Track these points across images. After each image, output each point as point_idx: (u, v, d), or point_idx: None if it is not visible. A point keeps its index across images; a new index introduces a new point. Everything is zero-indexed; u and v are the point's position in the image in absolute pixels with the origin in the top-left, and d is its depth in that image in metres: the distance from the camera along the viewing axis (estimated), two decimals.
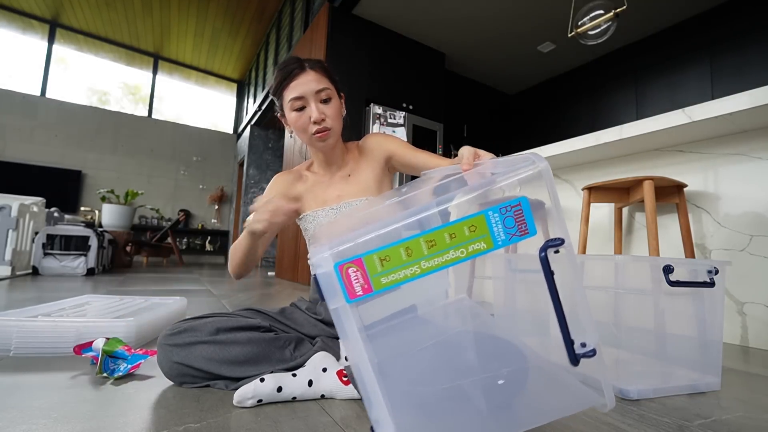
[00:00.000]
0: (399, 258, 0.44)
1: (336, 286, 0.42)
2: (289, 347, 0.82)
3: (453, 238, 0.45)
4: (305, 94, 0.88)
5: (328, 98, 0.91)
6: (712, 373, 0.92)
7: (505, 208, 0.45)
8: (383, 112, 3.51)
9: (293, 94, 0.89)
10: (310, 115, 0.89)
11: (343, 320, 0.43)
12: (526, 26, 3.94)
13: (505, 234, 0.46)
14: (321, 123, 0.89)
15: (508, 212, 0.45)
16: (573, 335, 0.47)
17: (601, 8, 2.37)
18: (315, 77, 0.90)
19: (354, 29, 3.60)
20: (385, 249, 0.43)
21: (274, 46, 5.52)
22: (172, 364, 0.76)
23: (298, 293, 2.61)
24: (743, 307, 1.46)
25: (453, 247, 0.45)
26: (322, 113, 0.89)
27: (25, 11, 5.81)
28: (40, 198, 3.30)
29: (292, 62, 0.90)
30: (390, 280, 0.43)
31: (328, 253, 0.42)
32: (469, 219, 0.45)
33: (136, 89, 7.00)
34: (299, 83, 0.89)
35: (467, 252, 0.45)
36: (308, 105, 0.89)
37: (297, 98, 0.89)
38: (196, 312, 1.66)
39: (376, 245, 0.43)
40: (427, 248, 0.44)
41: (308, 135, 0.91)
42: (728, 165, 1.55)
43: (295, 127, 0.92)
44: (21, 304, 1.53)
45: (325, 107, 0.90)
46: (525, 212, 0.46)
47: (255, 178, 6.40)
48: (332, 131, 0.91)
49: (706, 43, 3.52)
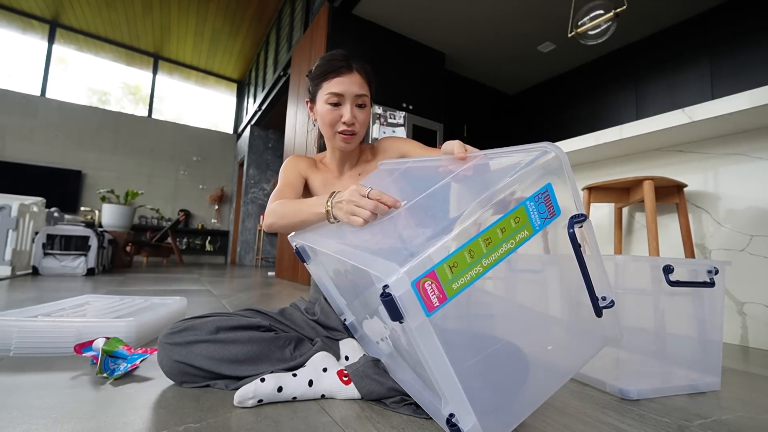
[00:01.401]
0: (464, 261, 0.45)
1: (415, 304, 0.42)
2: (289, 347, 0.82)
3: (503, 232, 0.48)
4: (345, 93, 0.89)
5: (363, 104, 0.92)
6: (712, 373, 0.92)
7: (537, 196, 0.50)
8: (383, 112, 3.50)
9: (334, 89, 0.89)
10: (342, 115, 0.89)
11: (422, 334, 0.43)
12: (526, 26, 3.94)
13: (540, 219, 0.51)
14: (351, 126, 0.90)
15: (540, 199, 0.51)
16: (597, 292, 0.55)
17: (601, 8, 2.37)
18: (359, 81, 0.90)
19: (354, 29, 3.60)
20: (453, 256, 0.45)
21: (274, 46, 5.52)
22: (173, 363, 0.76)
23: (298, 293, 2.61)
24: (743, 307, 1.46)
25: (504, 240, 0.48)
26: (355, 117, 0.90)
27: (25, 11, 5.81)
28: (40, 198, 3.30)
29: (340, 58, 0.91)
30: (460, 284, 0.45)
31: (402, 273, 0.41)
32: (513, 212, 0.49)
33: (136, 89, 7.00)
34: (342, 81, 0.89)
35: (515, 242, 0.49)
36: (344, 104, 0.90)
37: (336, 94, 0.89)
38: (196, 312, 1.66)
39: (444, 255, 0.44)
40: (485, 246, 0.47)
41: (333, 131, 0.92)
42: (728, 165, 1.55)
43: (324, 120, 0.92)
44: (21, 304, 1.53)
45: (359, 112, 0.91)
46: (551, 196, 0.51)
47: (255, 178, 6.40)
48: (357, 136, 0.93)
49: (706, 43, 3.52)
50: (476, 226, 0.47)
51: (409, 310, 0.42)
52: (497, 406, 0.54)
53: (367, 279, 0.81)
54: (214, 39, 6.33)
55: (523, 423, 0.67)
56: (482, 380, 0.54)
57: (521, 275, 0.64)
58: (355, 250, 0.56)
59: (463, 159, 0.65)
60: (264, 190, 6.50)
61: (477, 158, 0.65)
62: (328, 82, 0.90)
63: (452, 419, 0.48)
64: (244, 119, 7.05)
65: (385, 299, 0.41)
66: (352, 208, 0.63)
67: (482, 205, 0.47)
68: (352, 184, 0.97)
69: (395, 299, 0.41)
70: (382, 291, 0.42)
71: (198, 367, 0.75)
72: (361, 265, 0.49)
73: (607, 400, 0.81)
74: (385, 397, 0.71)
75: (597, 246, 0.56)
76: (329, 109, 0.90)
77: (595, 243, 0.56)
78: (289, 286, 3.11)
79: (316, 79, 0.93)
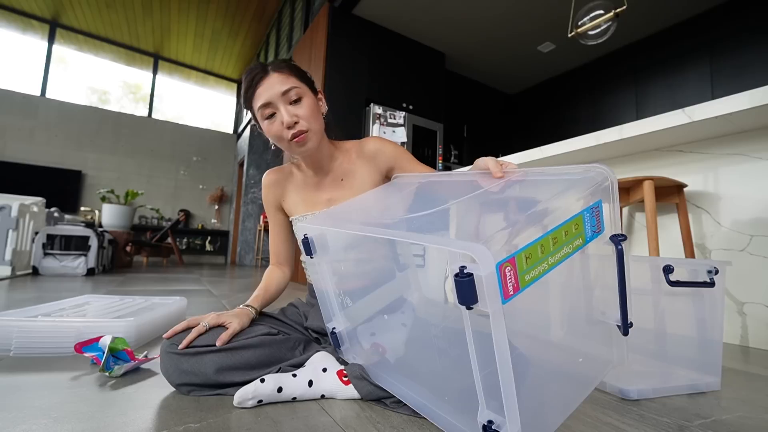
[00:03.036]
0: (537, 255, 0.45)
1: (494, 288, 0.40)
2: (299, 348, 0.81)
3: (566, 236, 0.49)
4: (272, 99, 0.82)
5: (298, 98, 0.83)
6: (712, 373, 0.92)
7: (591, 209, 0.52)
8: (383, 112, 3.50)
9: (260, 101, 0.82)
10: (282, 120, 0.82)
11: (496, 322, 0.40)
12: (526, 26, 3.94)
13: (590, 231, 0.52)
14: (294, 126, 0.82)
15: (593, 213, 0.52)
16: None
17: (601, 8, 2.37)
18: (279, 79, 0.82)
19: (354, 29, 3.60)
20: (529, 247, 0.45)
21: (274, 46, 5.52)
22: (181, 373, 0.72)
23: (298, 293, 2.61)
24: (743, 307, 1.46)
25: (566, 243, 0.49)
26: (294, 115, 0.82)
27: (25, 11, 5.81)
28: (40, 198, 3.30)
29: (254, 69, 0.84)
30: (531, 276, 0.44)
31: (489, 254, 0.39)
32: (574, 218, 0.50)
33: (136, 88, 7.00)
34: (264, 89, 0.82)
35: (572, 247, 0.50)
36: (277, 110, 0.82)
37: (265, 105, 0.82)
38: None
39: (524, 244, 0.44)
40: (552, 245, 0.47)
41: (286, 142, 0.84)
42: (728, 165, 1.55)
43: (271, 136, 0.85)
44: (21, 304, 1.53)
45: (295, 108, 0.83)
46: (600, 212, 0.53)
47: (255, 178, 6.39)
48: (310, 133, 0.84)
49: (706, 43, 3.52)
50: (543, 227, 0.47)
51: (489, 294, 0.39)
52: (535, 414, 0.52)
53: (390, 274, 0.80)
54: (214, 39, 6.34)
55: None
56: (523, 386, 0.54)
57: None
58: (417, 234, 0.55)
59: (501, 177, 0.63)
60: None
61: (515, 174, 0.64)
62: (255, 98, 0.83)
63: (491, 426, 0.45)
64: (244, 119, 7.05)
65: (462, 279, 0.39)
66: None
67: (551, 204, 0.48)
68: (334, 190, 0.94)
69: (475, 280, 0.39)
70: (458, 271, 0.40)
71: (211, 377, 0.71)
72: (438, 245, 0.47)
73: (607, 400, 0.81)
74: (385, 397, 0.71)
75: (629, 266, 0.58)
76: (268, 123, 0.83)
77: (628, 263, 0.57)
78: (289, 286, 3.10)
79: (246, 103, 0.87)
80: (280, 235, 1.02)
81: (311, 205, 0.94)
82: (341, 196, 0.93)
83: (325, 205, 0.93)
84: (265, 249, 6.32)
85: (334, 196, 0.93)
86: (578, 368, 0.61)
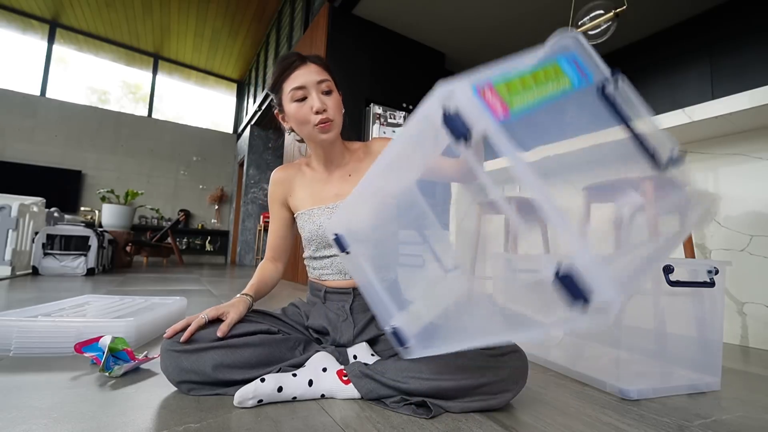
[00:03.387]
0: (518, 88, 0.45)
1: (480, 111, 0.38)
2: (299, 348, 0.82)
3: (547, 77, 0.50)
4: (307, 84, 0.86)
5: (329, 90, 0.89)
6: (712, 373, 0.92)
7: (568, 59, 0.52)
8: (383, 112, 3.50)
9: (294, 84, 0.86)
10: (312, 105, 0.86)
11: (498, 144, 0.37)
12: (526, 26, 3.94)
13: (576, 78, 0.52)
14: (323, 113, 0.86)
15: (571, 63, 0.52)
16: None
17: (601, 8, 2.37)
18: (316, 69, 0.88)
19: (354, 29, 3.60)
20: (507, 78, 0.44)
21: (274, 46, 5.52)
22: (181, 371, 0.72)
23: (298, 293, 2.61)
24: (743, 307, 1.46)
25: (550, 82, 0.49)
26: (324, 103, 0.87)
27: (25, 11, 5.81)
28: (40, 198, 3.30)
29: (292, 56, 0.89)
30: (519, 103, 0.43)
31: (464, 81, 0.39)
32: (551, 63, 0.51)
33: (136, 88, 7.00)
34: (300, 74, 0.87)
35: (558, 87, 0.50)
36: (309, 95, 0.87)
37: (298, 87, 0.86)
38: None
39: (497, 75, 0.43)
40: (534, 82, 0.47)
41: (310, 126, 0.88)
42: (728, 165, 1.55)
43: (296, 118, 0.88)
44: (21, 304, 1.53)
45: (326, 98, 0.88)
46: (580, 63, 0.53)
47: (255, 178, 6.40)
48: (334, 123, 0.89)
49: (706, 43, 3.52)
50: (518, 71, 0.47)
51: (474, 119, 0.39)
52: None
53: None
54: (214, 39, 6.33)
55: (523, 423, 0.67)
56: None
57: (522, 275, 0.64)
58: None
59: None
60: (264, 190, 6.49)
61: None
62: (288, 80, 0.88)
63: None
64: (244, 119, 7.05)
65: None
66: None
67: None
68: (342, 185, 0.96)
69: (451, 115, 0.39)
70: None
71: (210, 375, 0.72)
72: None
73: (607, 400, 0.81)
74: (384, 397, 0.71)
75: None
76: (297, 106, 0.87)
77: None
78: (288, 286, 3.11)
79: (276, 85, 0.91)
80: (279, 231, 1.03)
81: (319, 200, 0.96)
82: (348, 191, 0.95)
83: (332, 199, 0.95)
84: (264, 249, 6.32)
85: (342, 191, 0.96)
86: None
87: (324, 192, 0.96)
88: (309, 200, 0.97)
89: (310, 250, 0.96)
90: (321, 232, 0.92)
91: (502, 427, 0.65)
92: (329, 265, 0.93)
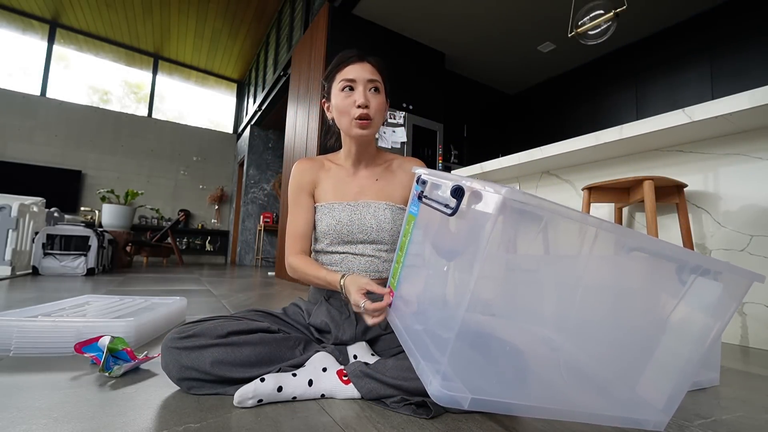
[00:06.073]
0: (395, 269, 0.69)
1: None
2: (299, 347, 0.82)
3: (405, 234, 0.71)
4: (357, 79, 0.90)
5: (377, 89, 0.92)
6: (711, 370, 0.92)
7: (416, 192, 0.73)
8: None
9: (346, 75, 0.91)
10: (356, 99, 0.89)
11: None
12: (526, 26, 3.94)
13: (413, 206, 0.72)
14: (365, 108, 0.89)
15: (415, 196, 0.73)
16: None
17: (601, 8, 2.37)
18: (371, 69, 0.92)
19: (354, 29, 3.60)
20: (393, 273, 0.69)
21: (274, 46, 5.52)
22: (181, 368, 0.72)
23: (298, 293, 2.61)
24: (743, 307, 1.46)
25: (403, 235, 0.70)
26: (368, 100, 0.90)
27: (25, 11, 5.80)
28: (40, 198, 3.30)
29: (352, 51, 0.93)
30: (393, 277, 0.62)
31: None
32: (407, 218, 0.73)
33: (137, 87, 7.00)
34: (354, 68, 0.91)
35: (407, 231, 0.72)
36: (357, 89, 0.90)
37: (348, 79, 0.90)
38: (197, 312, 1.66)
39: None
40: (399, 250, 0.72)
41: (349, 119, 0.90)
42: (728, 165, 1.55)
43: (338, 108, 0.91)
44: (21, 304, 1.53)
45: (372, 96, 0.91)
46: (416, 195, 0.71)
47: (255, 178, 6.40)
48: (373, 122, 0.91)
49: (706, 43, 3.52)
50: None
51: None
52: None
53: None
54: (214, 39, 6.33)
55: (523, 423, 0.67)
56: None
57: (522, 276, 0.62)
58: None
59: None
60: (264, 190, 6.50)
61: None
62: (340, 72, 0.92)
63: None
64: (244, 119, 7.05)
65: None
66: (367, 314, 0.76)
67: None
68: (365, 183, 0.97)
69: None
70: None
71: (208, 372, 0.72)
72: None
73: None
74: (385, 397, 0.71)
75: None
76: (343, 95, 0.90)
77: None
78: (289, 286, 3.11)
79: (329, 74, 0.95)
80: (309, 220, 0.98)
81: (341, 195, 0.97)
82: (371, 192, 0.97)
83: (353, 197, 0.96)
84: (264, 249, 6.32)
85: (364, 190, 0.97)
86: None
87: (347, 188, 0.98)
88: (331, 194, 0.97)
89: (323, 243, 0.96)
90: (339, 228, 0.92)
91: (502, 427, 0.65)
92: (339, 261, 0.94)
